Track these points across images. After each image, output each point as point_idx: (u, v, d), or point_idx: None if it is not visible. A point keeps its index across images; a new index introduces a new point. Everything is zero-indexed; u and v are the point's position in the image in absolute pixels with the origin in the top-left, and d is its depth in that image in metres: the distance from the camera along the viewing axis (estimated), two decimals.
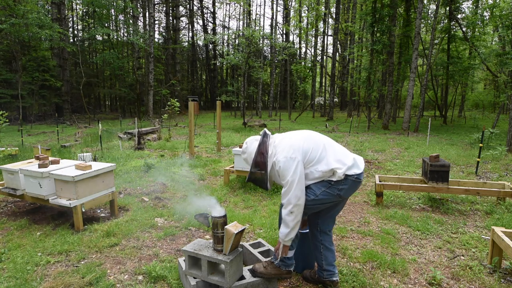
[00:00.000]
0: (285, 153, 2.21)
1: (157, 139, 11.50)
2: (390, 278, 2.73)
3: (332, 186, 2.27)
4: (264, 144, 2.32)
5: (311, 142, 2.31)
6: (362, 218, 4.09)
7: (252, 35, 16.62)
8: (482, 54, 16.95)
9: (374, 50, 16.09)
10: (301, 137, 2.33)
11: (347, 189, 2.28)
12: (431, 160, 4.44)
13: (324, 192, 2.27)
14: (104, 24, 23.93)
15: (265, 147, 2.31)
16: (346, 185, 2.26)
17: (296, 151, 2.22)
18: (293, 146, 2.25)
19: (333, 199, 2.32)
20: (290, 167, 2.17)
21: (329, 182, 2.26)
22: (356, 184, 2.30)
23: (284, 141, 2.32)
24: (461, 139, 11.46)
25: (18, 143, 9.85)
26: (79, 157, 6.11)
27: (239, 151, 5.31)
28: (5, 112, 8.27)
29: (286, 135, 2.40)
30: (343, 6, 28.69)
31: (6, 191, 4.15)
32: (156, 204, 4.60)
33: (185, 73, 35.97)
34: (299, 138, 2.32)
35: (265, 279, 2.41)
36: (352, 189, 2.32)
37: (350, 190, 2.31)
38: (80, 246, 3.26)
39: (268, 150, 2.30)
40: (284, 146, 2.27)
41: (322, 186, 2.28)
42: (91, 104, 28.04)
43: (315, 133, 2.44)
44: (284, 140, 2.33)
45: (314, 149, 2.27)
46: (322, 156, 2.26)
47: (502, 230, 2.83)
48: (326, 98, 28.51)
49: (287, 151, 2.22)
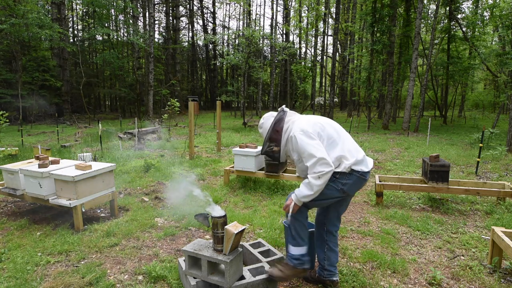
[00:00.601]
0: (300, 128, 2.26)
1: (157, 139, 11.50)
2: (390, 278, 2.73)
3: (337, 180, 2.25)
4: (281, 121, 2.38)
5: (327, 125, 2.35)
6: (362, 218, 4.09)
7: (252, 35, 16.61)
8: (482, 54, 16.94)
9: (374, 50, 16.08)
10: (319, 119, 2.39)
11: (351, 184, 2.26)
12: (431, 160, 4.44)
13: (328, 186, 2.24)
14: (104, 24, 23.91)
15: (281, 124, 2.37)
16: (351, 180, 2.25)
17: (311, 127, 2.27)
18: (309, 122, 2.32)
19: (337, 194, 2.30)
20: (307, 140, 2.19)
21: (334, 175, 2.24)
22: (361, 181, 2.29)
23: (301, 119, 2.39)
24: (461, 139, 11.46)
25: (18, 143, 9.85)
26: (79, 157, 6.11)
27: (239, 151, 5.32)
28: (5, 112, 8.27)
29: (304, 115, 2.46)
30: (343, 6, 28.67)
31: (6, 191, 4.14)
32: (156, 204, 4.60)
33: (185, 73, 35.97)
34: (316, 118, 2.39)
35: (265, 279, 2.41)
36: (357, 186, 2.31)
37: (355, 186, 2.29)
38: (80, 246, 3.26)
39: (283, 126, 2.35)
40: (299, 122, 2.33)
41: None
42: (91, 104, 28.04)
43: (333, 121, 2.46)
44: (301, 118, 2.40)
45: (329, 132, 2.29)
46: (335, 141, 2.27)
47: (502, 230, 2.83)
48: (326, 98, 28.50)
49: (303, 126, 2.27)
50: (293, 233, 2.38)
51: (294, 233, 2.37)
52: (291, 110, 2.52)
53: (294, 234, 2.37)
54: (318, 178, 2.14)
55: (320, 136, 2.26)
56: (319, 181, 2.14)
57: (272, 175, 5.09)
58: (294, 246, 2.39)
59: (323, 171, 2.12)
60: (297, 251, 2.38)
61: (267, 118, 2.50)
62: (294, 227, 2.36)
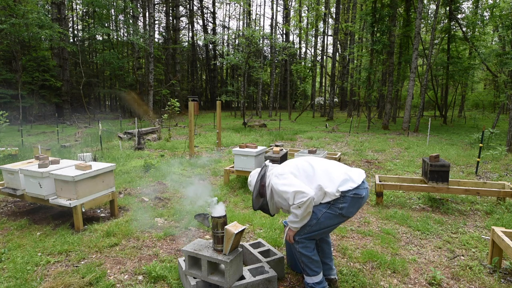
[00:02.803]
0: (274, 174, 2.39)
1: (157, 139, 11.50)
2: (390, 278, 2.73)
3: (332, 206, 2.24)
4: (264, 176, 2.50)
5: (302, 162, 2.42)
6: (362, 218, 4.09)
7: (252, 35, 16.61)
8: (482, 54, 16.93)
9: (374, 50, 16.08)
10: (293, 161, 2.48)
11: (348, 207, 2.23)
12: (431, 160, 4.44)
13: (325, 214, 2.24)
14: (104, 24, 23.91)
15: (264, 179, 2.49)
16: (346, 203, 2.22)
17: (283, 168, 2.39)
18: (283, 166, 2.44)
19: (338, 220, 2.29)
20: (281, 182, 2.28)
21: (328, 202, 2.25)
22: (357, 200, 2.24)
23: (277, 167, 2.50)
24: (461, 139, 11.46)
25: (18, 143, 9.84)
26: (79, 157, 6.11)
27: (239, 151, 5.32)
28: (5, 112, 8.27)
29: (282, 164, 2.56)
30: (343, 6, 28.69)
31: (6, 191, 4.14)
32: (156, 204, 4.60)
33: (185, 73, 35.95)
34: (290, 162, 2.48)
35: (265, 279, 2.41)
36: (354, 207, 2.26)
37: (352, 208, 2.25)
38: (80, 246, 3.25)
39: (266, 181, 2.47)
40: (275, 171, 2.44)
41: (322, 207, 2.26)
42: (91, 104, 28.02)
43: (312, 157, 2.52)
44: (277, 167, 2.51)
45: (303, 168, 2.36)
46: (310, 174, 2.32)
47: (502, 230, 2.83)
48: (326, 98, 28.50)
49: (276, 172, 2.40)
50: (302, 265, 2.38)
51: (303, 265, 2.37)
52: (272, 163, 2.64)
53: (303, 265, 2.37)
54: (298, 208, 2.20)
55: (294, 174, 2.33)
56: (299, 211, 2.20)
57: None
58: (306, 276, 2.39)
59: (301, 201, 2.17)
60: (310, 280, 2.38)
61: (253, 175, 2.59)
62: (302, 260, 2.35)
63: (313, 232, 2.28)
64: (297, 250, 2.34)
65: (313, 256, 2.33)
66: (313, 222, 2.25)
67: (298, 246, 2.32)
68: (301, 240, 2.31)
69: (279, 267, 2.68)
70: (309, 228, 2.27)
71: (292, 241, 2.36)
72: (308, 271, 2.35)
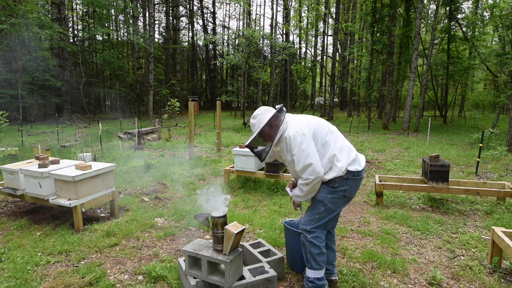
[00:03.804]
0: (296, 129, 2.23)
1: (157, 139, 11.50)
2: (390, 278, 2.73)
3: (336, 191, 2.26)
4: (277, 118, 2.30)
5: (322, 125, 2.34)
6: (362, 218, 4.09)
7: (252, 35, 16.61)
8: (482, 54, 16.93)
9: (374, 50, 16.09)
10: (313, 118, 2.39)
11: (350, 188, 2.28)
12: (431, 160, 4.44)
13: (331, 199, 2.27)
14: (104, 24, 23.90)
15: (278, 121, 2.30)
16: (348, 185, 2.26)
17: (306, 128, 2.25)
18: (305, 123, 2.30)
19: (342, 202, 2.33)
20: (301, 143, 2.18)
21: (332, 186, 2.26)
22: (358, 181, 2.31)
23: (297, 119, 2.36)
24: (461, 139, 11.46)
25: (18, 143, 9.84)
26: (79, 157, 6.11)
27: (239, 151, 5.31)
28: (5, 112, 8.27)
29: (299, 115, 2.43)
30: (343, 6, 28.68)
31: (6, 191, 4.14)
32: (156, 204, 4.60)
33: (185, 73, 35.94)
34: (310, 118, 2.39)
35: (265, 279, 2.41)
36: (355, 187, 2.33)
37: (354, 188, 2.31)
38: (80, 246, 3.25)
39: (280, 125, 2.29)
40: (295, 123, 2.30)
41: (326, 193, 2.28)
42: (91, 104, 28.01)
43: (326, 121, 2.46)
44: (297, 119, 2.37)
45: (323, 132, 2.29)
46: (328, 141, 2.27)
47: (502, 230, 2.83)
48: (326, 98, 28.50)
49: (299, 128, 2.24)
50: (308, 256, 2.36)
51: (309, 256, 2.35)
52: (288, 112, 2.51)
53: (309, 257, 2.35)
54: (306, 185, 2.22)
55: (314, 135, 2.26)
56: (306, 187, 2.23)
57: (272, 175, 5.09)
58: (309, 269, 2.37)
59: (309, 179, 2.17)
60: (312, 274, 2.35)
61: (264, 111, 2.37)
62: (310, 251, 2.33)
63: (323, 218, 2.30)
64: (307, 239, 2.32)
65: (322, 248, 2.33)
66: (321, 209, 2.28)
67: (310, 236, 2.32)
68: (313, 229, 2.31)
69: (279, 267, 2.67)
70: (319, 216, 2.30)
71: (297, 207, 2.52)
72: (313, 264, 2.33)
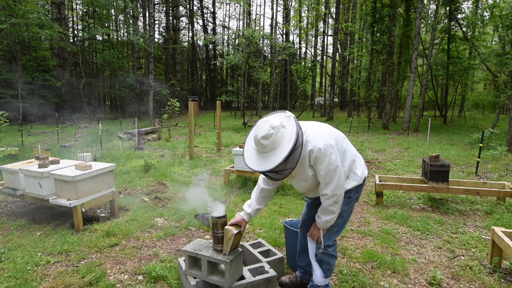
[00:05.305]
0: (324, 140, 1.92)
1: (157, 139, 11.50)
2: (390, 278, 2.73)
3: (351, 200, 2.21)
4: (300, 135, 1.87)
5: (336, 132, 2.15)
6: (362, 218, 4.09)
7: (252, 35, 16.62)
8: (482, 54, 16.93)
9: (374, 50, 16.09)
10: (325, 125, 2.13)
11: (359, 195, 2.29)
12: (431, 160, 4.44)
13: (348, 209, 2.22)
14: (104, 24, 23.90)
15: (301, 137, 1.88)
16: (358, 192, 2.24)
17: (330, 138, 1.97)
18: (325, 132, 2.00)
19: (352, 208, 2.33)
20: (331, 153, 1.90)
21: (349, 197, 2.18)
22: (363, 186, 2.29)
23: (312, 128, 2.03)
24: (461, 139, 11.46)
25: (18, 143, 9.84)
26: (79, 157, 6.11)
27: (239, 151, 5.31)
28: (5, 112, 8.27)
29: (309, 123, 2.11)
30: (343, 6, 28.68)
31: (6, 191, 4.14)
32: (156, 204, 4.60)
33: (185, 73, 35.94)
34: (324, 125, 2.12)
35: (265, 279, 2.41)
36: (361, 192, 2.35)
37: (360, 193, 2.32)
38: (80, 246, 3.25)
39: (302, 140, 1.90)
40: (315, 133, 1.97)
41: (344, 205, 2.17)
42: (91, 104, 28.00)
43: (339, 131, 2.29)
44: (311, 127, 2.04)
45: (340, 139, 2.09)
46: (347, 148, 2.11)
47: (502, 230, 2.83)
48: (326, 98, 28.51)
49: (325, 138, 1.93)
50: (324, 267, 2.27)
51: (326, 268, 2.27)
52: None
53: (325, 268, 2.27)
54: (335, 204, 2.02)
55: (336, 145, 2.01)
56: (336, 207, 2.03)
57: None
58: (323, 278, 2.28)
59: (336, 194, 1.98)
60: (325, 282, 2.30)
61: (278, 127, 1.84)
62: (329, 262, 2.26)
63: (340, 229, 2.28)
64: (328, 253, 2.23)
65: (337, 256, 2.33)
66: (339, 222, 2.21)
67: (331, 249, 2.24)
68: (333, 242, 2.26)
69: (279, 267, 2.67)
70: (337, 228, 2.25)
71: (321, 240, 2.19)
72: (328, 272, 2.28)
